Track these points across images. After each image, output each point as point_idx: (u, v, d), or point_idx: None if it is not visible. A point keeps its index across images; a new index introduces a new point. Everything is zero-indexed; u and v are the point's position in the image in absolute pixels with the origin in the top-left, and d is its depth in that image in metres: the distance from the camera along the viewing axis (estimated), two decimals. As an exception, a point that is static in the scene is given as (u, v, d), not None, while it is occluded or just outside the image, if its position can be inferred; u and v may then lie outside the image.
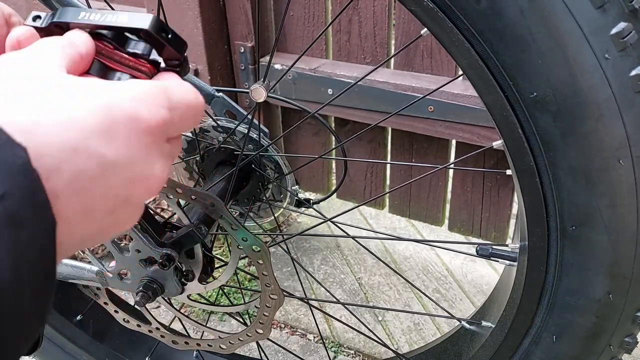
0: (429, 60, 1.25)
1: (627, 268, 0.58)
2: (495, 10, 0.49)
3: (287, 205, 1.03)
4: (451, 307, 1.49)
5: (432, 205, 1.47)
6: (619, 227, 0.56)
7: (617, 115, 0.50)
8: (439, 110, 1.19)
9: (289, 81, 1.33)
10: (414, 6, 0.54)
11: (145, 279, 0.75)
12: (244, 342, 0.86)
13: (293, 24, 1.37)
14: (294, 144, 1.57)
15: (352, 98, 1.27)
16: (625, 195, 0.54)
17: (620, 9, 0.47)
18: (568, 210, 0.57)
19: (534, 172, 0.56)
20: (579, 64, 0.49)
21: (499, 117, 0.56)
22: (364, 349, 1.40)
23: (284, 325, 1.48)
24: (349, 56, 1.34)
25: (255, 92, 0.78)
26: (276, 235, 1.58)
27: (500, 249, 0.76)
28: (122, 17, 0.35)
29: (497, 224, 1.38)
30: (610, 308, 0.61)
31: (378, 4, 1.25)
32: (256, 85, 0.78)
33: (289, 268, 1.64)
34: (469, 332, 0.85)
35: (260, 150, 0.93)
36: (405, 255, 1.68)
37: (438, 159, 1.36)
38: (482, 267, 1.62)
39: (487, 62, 0.52)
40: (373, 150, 1.46)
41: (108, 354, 1.10)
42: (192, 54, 1.37)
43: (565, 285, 0.62)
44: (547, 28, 0.48)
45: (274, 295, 0.78)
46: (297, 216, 1.85)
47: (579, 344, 0.65)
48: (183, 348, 0.91)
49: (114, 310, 0.90)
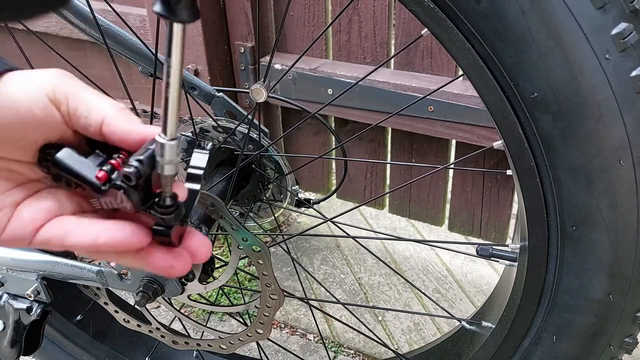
0: (429, 61, 1.25)
1: (627, 268, 0.58)
2: (496, 11, 0.49)
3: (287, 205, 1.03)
4: (451, 307, 1.49)
5: (432, 205, 1.47)
6: (619, 228, 0.56)
7: (618, 115, 0.50)
8: (439, 110, 1.19)
9: (289, 81, 1.33)
10: (415, 6, 0.54)
11: (145, 279, 0.75)
12: (244, 342, 0.86)
13: (293, 24, 1.37)
14: (294, 144, 1.57)
15: (352, 98, 1.27)
16: (626, 195, 0.54)
17: (621, 9, 0.47)
18: (568, 211, 0.57)
19: (534, 172, 0.56)
20: (579, 65, 0.49)
21: (499, 117, 0.56)
22: (364, 349, 1.40)
23: (284, 325, 1.48)
24: (349, 56, 1.34)
25: (256, 92, 0.78)
26: (276, 235, 1.58)
27: (501, 249, 0.76)
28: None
29: (497, 224, 1.38)
30: (610, 308, 0.61)
31: (378, 4, 1.25)
32: (256, 86, 0.78)
33: (289, 268, 1.64)
34: (469, 332, 0.85)
35: (261, 151, 0.93)
36: (405, 255, 1.68)
37: (438, 159, 1.36)
38: (482, 267, 1.62)
39: (487, 63, 0.53)
40: (373, 150, 1.46)
41: (108, 354, 1.10)
42: (192, 54, 1.37)
43: (566, 286, 0.62)
44: (547, 28, 0.48)
45: (274, 295, 0.78)
46: (297, 216, 1.85)
47: (579, 344, 0.65)
48: (183, 348, 0.91)
49: (114, 311, 0.90)
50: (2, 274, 0.80)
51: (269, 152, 0.94)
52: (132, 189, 0.35)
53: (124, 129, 0.37)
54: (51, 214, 0.38)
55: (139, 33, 1.37)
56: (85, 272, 0.78)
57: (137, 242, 0.36)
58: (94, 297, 0.89)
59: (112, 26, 0.85)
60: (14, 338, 0.82)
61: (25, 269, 0.79)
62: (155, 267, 0.38)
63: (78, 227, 0.37)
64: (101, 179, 0.36)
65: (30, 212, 0.37)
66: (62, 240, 0.37)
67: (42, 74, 0.37)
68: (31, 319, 0.81)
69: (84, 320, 1.08)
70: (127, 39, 0.86)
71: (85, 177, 0.37)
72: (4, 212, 0.37)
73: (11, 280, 0.81)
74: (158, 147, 0.34)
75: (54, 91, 0.37)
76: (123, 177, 0.35)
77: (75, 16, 0.82)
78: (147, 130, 0.37)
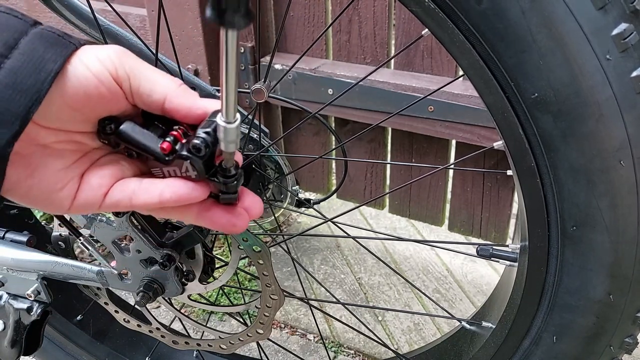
0: (429, 61, 1.25)
1: (627, 268, 0.58)
2: (497, 11, 0.49)
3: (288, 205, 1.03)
4: (451, 307, 1.49)
5: (432, 205, 1.47)
6: (619, 228, 0.56)
7: (618, 115, 0.50)
8: (439, 110, 1.19)
9: (289, 81, 1.33)
10: (415, 6, 0.54)
11: (145, 279, 0.75)
12: (244, 342, 0.86)
13: (293, 24, 1.37)
14: (294, 144, 1.57)
15: (352, 98, 1.27)
16: (626, 195, 0.54)
17: (622, 9, 0.47)
18: (569, 211, 0.57)
19: (534, 172, 0.56)
20: (580, 65, 0.49)
21: (499, 118, 0.56)
22: (364, 349, 1.40)
23: (284, 325, 1.48)
24: (349, 56, 1.34)
25: (256, 93, 0.78)
26: (276, 236, 1.58)
27: (501, 250, 0.76)
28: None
29: (497, 224, 1.38)
30: (610, 308, 0.61)
31: (378, 4, 1.25)
32: (257, 86, 0.78)
33: (289, 268, 1.64)
34: (469, 332, 0.85)
35: (261, 151, 0.93)
36: (405, 255, 1.68)
37: (438, 159, 1.36)
38: (482, 267, 1.63)
39: (488, 63, 0.52)
40: (373, 150, 1.46)
41: (108, 354, 1.10)
42: (192, 54, 1.37)
43: (566, 286, 0.62)
44: (548, 29, 0.48)
45: (274, 295, 0.78)
46: (298, 216, 1.85)
47: (579, 344, 0.65)
48: (183, 348, 0.91)
49: (114, 311, 0.90)
50: (3, 274, 0.80)
51: (269, 152, 0.94)
52: (199, 159, 0.37)
53: (187, 106, 0.39)
54: (115, 178, 0.40)
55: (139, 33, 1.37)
56: (85, 272, 0.78)
57: (198, 195, 0.39)
58: (94, 297, 0.89)
59: (112, 26, 0.85)
60: (14, 338, 0.82)
61: (26, 269, 0.79)
62: (219, 225, 0.41)
63: (142, 188, 0.40)
64: (165, 150, 0.38)
65: (97, 179, 0.40)
66: (130, 201, 0.40)
67: (103, 51, 0.38)
68: (31, 319, 0.81)
69: (84, 320, 1.08)
70: (127, 39, 0.86)
71: (149, 148, 0.39)
72: (73, 182, 0.39)
73: (11, 280, 0.81)
74: (220, 129, 0.36)
75: (117, 70, 0.38)
76: (192, 147, 0.37)
77: (76, 16, 0.82)
78: (208, 105, 0.39)
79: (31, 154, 0.38)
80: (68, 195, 0.39)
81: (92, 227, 0.73)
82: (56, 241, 0.81)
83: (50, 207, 0.40)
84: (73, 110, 0.37)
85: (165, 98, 0.39)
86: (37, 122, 0.37)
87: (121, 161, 0.41)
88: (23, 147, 0.37)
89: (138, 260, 0.74)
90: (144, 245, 0.71)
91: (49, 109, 0.36)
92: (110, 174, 0.40)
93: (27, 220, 1.03)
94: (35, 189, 0.38)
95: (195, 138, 0.37)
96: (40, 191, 0.39)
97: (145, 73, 0.39)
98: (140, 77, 0.39)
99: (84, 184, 0.40)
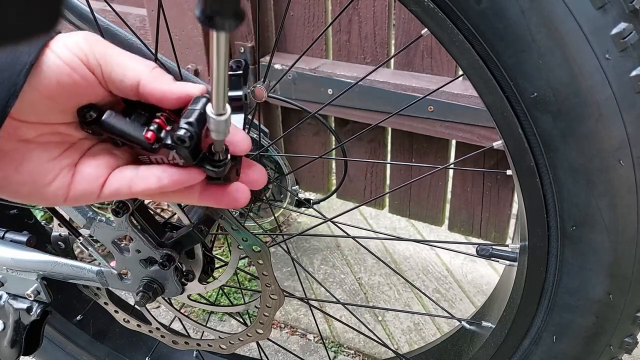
0: (429, 61, 1.25)
1: (627, 268, 0.58)
2: (496, 11, 0.49)
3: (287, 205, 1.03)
4: (451, 307, 1.49)
5: (432, 205, 1.47)
6: (619, 227, 0.56)
7: (618, 115, 0.50)
8: (439, 110, 1.19)
9: (289, 81, 1.33)
10: (415, 6, 0.54)
11: (145, 279, 0.75)
12: (244, 342, 0.86)
13: (293, 24, 1.37)
14: (294, 144, 1.57)
15: (352, 98, 1.27)
16: (625, 195, 0.54)
17: (621, 9, 0.47)
18: (568, 211, 0.57)
19: (534, 172, 0.56)
20: (579, 65, 0.49)
21: (499, 117, 0.56)
22: (364, 349, 1.40)
23: (284, 325, 1.48)
24: (349, 56, 1.34)
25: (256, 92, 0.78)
26: (276, 235, 1.58)
27: (501, 249, 0.76)
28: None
29: (497, 224, 1.38)
30: (610, 308, 0.61)
31: (378, 4, 1.25)
32: (256, 85, 0.78)
33: (289, 268, 1.64)
34: (469, 332, 0.85)
35: (261, 151, 0.93)
36: (405, 255, 1.68)
37: (438, 159, 1.36)
38: (482, 267, 1.62)
39: (487, 62, 0.52)
40: (373, 150, 1.46)
41: (108, 354, 1.10)
42: (192, 54, 1.37)
43: (566, 286, 0.62)
44: (547, 28, 0.48)
45: (274, 295, 0.78)
46: (297, 216, 1.85)
47: (579, 344, 0.65)
48: (183, 348, 0.91)
49: (114, 311, 0.90)
50: (2, 274, 0.80)
51: (269, 152, 0.94)
52: (185, 148, 0.37)
53: (161, 91, 0.38)
54: (110, 167, 0.40)
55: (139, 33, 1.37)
56: (85, 272, 0.78)
57: (196, 176, 0.39)
58: (94, 297, 0.89)
59: (112, 26, 0.85)
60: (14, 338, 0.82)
61: (25, 269, 0.79)
62: (223, 202, 0.41)
63: (139, 175, 0.39)
64: (150, 139, 0.38)
65: (91, 169, 0.39)
66: (129, 189, 0.39)
67: (71, 39, 0.37)
68: (31, 319, 0.81)
69: (84, 320, 1.08)
70: (127, 38, 0.86)
71: (134, 138, 0.39)
72: (63, 174, 0.39)
73: (11, 280, 0.81)
74: (210, 121, 0.35)
75: (87, 56, 0.37)
76: (177, 139, 0.37)
77: (75, 16, 0.82)
78: (184, 90, 0.38)
79: (14, 149, 0.37)
80: (61, 186, 0.39)
81: (91, 227, 0.73)
82: (56, 241, 0.81)
83: (44, 201, 0.39)
84: (49, 101, 0.37)
85: (139, 83, 0.38)
86: (15, 117, 0.36)
87: (113, 149, 0.41)
88: (4, 143, 0.36)
89: (138, 260, 0.74)
90: (143, 245, 0.71)
91: (26, 102, 0.36)
92: (104, 163, 0.40)
93: (27, 220, 1.03)
94: (24, 184, 0.38)
95: (178, 129, 0.36)
96: (30, 186, 0.38)
97: (117, 58, 0.38)
98: (112, 63, 0.38)
99: (77, 175, 0.39)
